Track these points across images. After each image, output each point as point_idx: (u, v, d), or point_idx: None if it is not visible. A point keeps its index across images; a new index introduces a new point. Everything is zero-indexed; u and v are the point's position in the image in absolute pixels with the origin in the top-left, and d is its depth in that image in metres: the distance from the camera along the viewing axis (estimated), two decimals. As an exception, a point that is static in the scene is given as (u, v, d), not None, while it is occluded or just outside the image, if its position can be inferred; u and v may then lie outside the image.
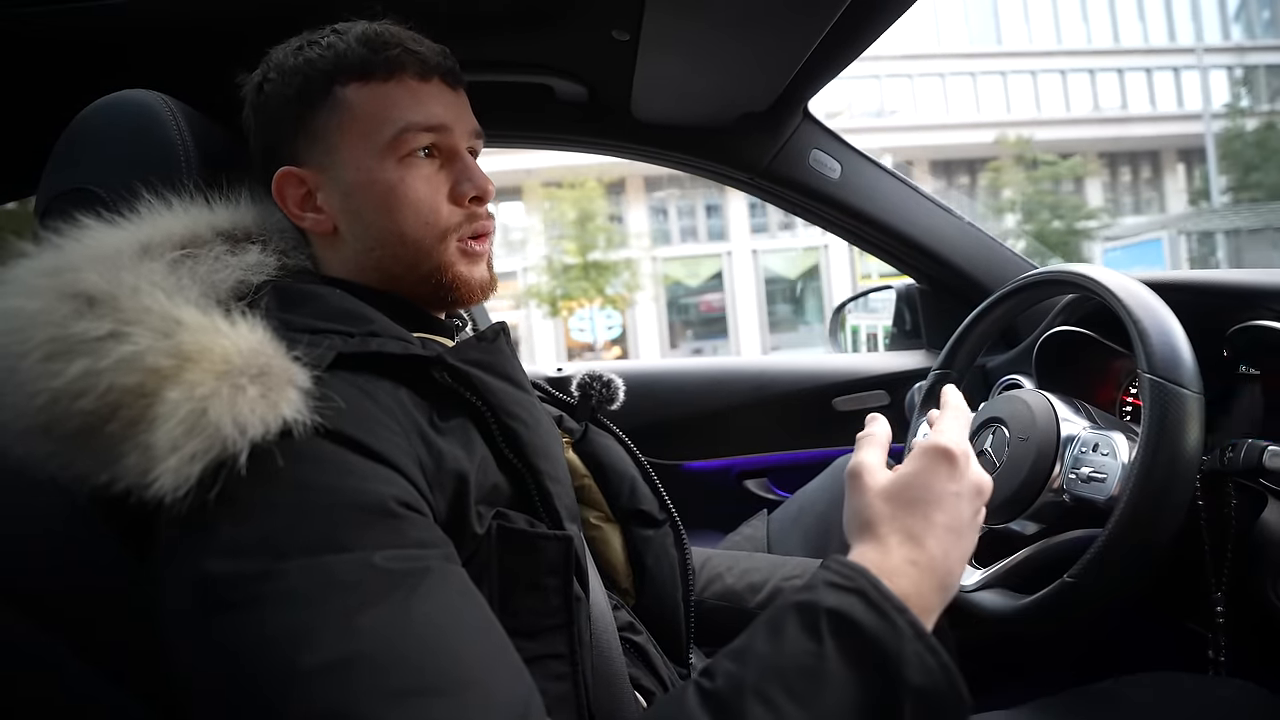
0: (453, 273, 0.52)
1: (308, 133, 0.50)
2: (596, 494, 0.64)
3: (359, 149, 0.49)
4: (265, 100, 0.51)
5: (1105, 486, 0.59)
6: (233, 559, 0.34)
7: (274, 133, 0.51)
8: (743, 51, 0.80)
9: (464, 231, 0.52)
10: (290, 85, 0.50)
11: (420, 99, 0.50)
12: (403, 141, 0.49)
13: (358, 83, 0.49)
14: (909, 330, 1.28)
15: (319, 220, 0.51)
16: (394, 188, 0.50)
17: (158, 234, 0.45)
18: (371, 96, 0.49)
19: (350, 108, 0.49)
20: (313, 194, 0.51)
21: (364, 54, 0.49)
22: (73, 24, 0.69)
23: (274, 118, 0.51)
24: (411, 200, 0.50)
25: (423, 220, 0.50)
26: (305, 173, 0.51)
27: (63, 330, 0.36)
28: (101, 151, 0.54)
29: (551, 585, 0.45)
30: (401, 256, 0.51)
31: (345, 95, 0.49)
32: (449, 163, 0.52)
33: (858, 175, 1.05)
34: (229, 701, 0.33)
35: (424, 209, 0.50)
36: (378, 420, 0.41)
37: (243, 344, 0.38)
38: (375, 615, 0.34)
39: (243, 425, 0.35)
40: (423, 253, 0.51)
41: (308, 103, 0.49)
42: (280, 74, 0.50)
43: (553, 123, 1.00)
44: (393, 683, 0.33)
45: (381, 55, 0.49)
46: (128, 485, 0.34)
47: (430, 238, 0.51)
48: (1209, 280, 0.74)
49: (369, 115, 0.49)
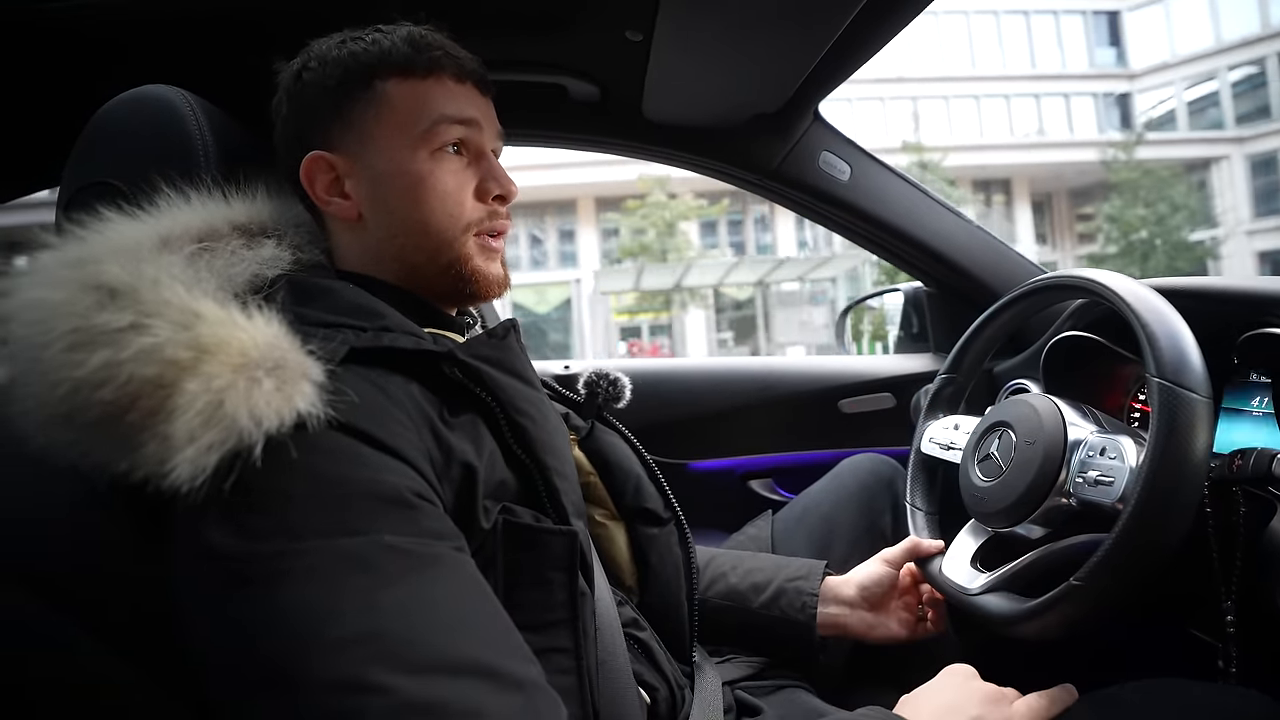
0: (471, 266, 0.53)
1: (343, 121, 0.52)
2: (602, 491, 0.65)
3: (393, 139, 0.52)
4: (303, 88, 0.53)
5: (1112, 491, 0.59)
6: (250, 540, 0.35)
7: (308, 119, 0.53)
8: (755, 53, 0.80)
9: (485, 227, 0.54)
10: (331, 75, 0.52)
11: (455, 97, 0.53)
12: (435, 134, 0.52)
13: (398, 78, 0.52)
14: (916, 333, 1.28)
15: (345, 206, 0.53)
16: (424, 178, 0.52)
17: (176, 227, 0.46)
18: (411, 91, 0.52)
19: (389, 100, 0.51)
20: (341, 180, 0.53)
21: (408, 52, 0.52)
22: (95, 19, 0.70)
23: (310, 104, 0.53)
24: (439, 192, 0.52)
25: (447, 212, 0.52)
26: (336, 158, 0.52)
27: (85, 321, 0.37)
28: (123, 146, 0.55)
29: (557, 580, 0.45)
30: (423, 246, 0.53)
31: (385, 89, 0.51)
32: (475, 161, 0.54)
33: (867, 178, 1.05)
34: (248, 677, 0.34)
35: (450, 202, 0.52)
36: (389, 414, 0.41)
37: (259, 337, 0.39)
38: (394, 593, 0.35)
39: (258, 417, 0.36)
40: (444, 244, 0.53)
41: (347, 92, 0.52)
42: (321, 64, 0.52)
43: (564, 122, 1.00)
44: (412, 659, 0.34)
45: (424, 55, 0.52)
46: (146, 473, 0.35)
47: (453, 230, 0.53)
48: (1219, 287, 0.73)
49: (406, 108, 0.51)
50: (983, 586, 0.65)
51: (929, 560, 0.72)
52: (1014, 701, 0.52)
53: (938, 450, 0.79)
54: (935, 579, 0.71)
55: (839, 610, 0.71)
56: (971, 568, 0.69)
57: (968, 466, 0.72)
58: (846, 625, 0.71)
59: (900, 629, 0.72)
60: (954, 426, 0.79)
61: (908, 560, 0.73)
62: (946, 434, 0.79)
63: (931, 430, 0.81)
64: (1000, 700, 0.52)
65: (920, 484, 0.80)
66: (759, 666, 0.71)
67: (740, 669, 0.70)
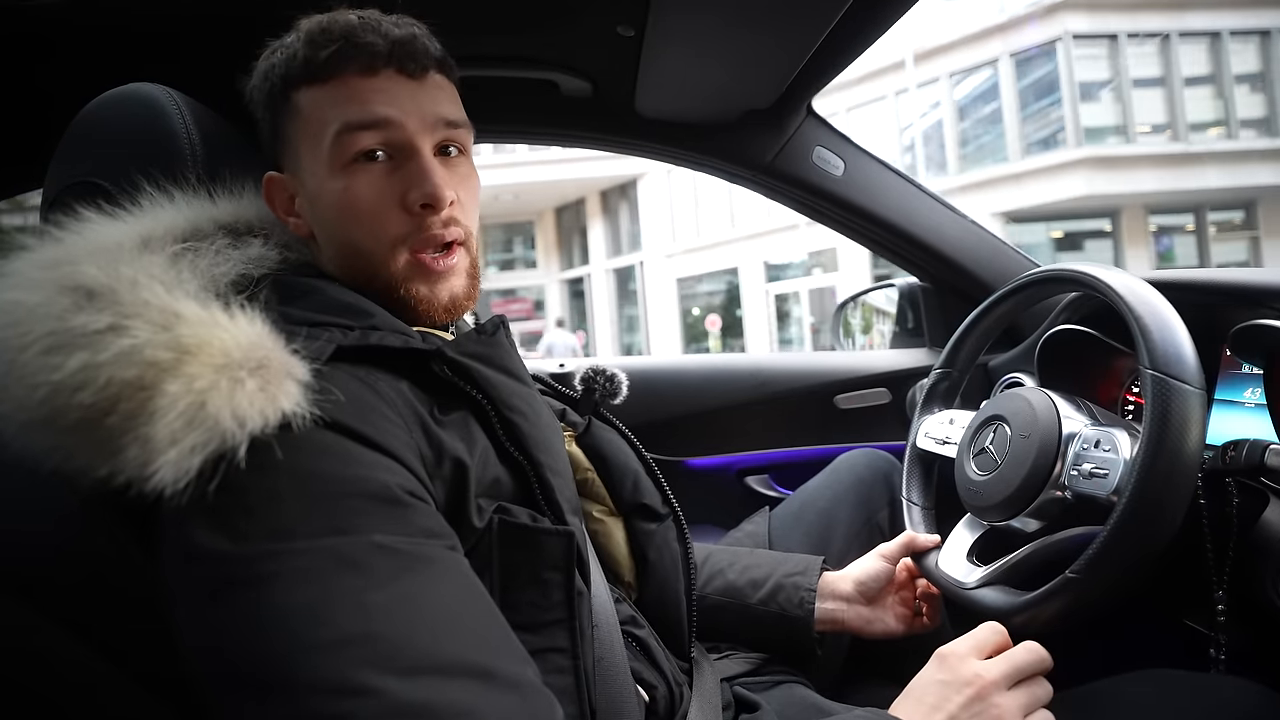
0: (407, 289, 0.48)
1: (280, 139, 0.51)
2: (599, 487, 0.64)
3: (312, 157, 0.48)
4: (251, 106, 0.52)
5: (1107, 483, 0.59)
6: (237, 542, 0.35)
7: (260, 136, 0.52)
8: (747, 48, 0.80)
9: (414, 243, 0.48)
10: (260, 91, 0.51)
11: (361, 96, 0.47)
12: (345, 145, 0.47)
13: (307, 86, 0.48)
14: (911, 328, 1.28)
15: (299, 225, 0.52)
16: (339, 196, 0.47)
17: (159, 227, 0.46)
18: (315, 100, 0.47)
19: (302, 114, 0.48)
20: (293, 198, 0.52)
21: (307, 54, 0.47)
22: (79, 18, 0.69)
23: (258, 122, 0.52)
24: (359, 210, 0.47)
25: (370, 231, 0.48)
26: (284, 178, 0.52)
27: (62, 324, 0.36)
28: (108, 145, 0.54)
29: (553, 580, 0.45)
30: (360, 268, 0.49)
31: (299, 101, 0.48)
32: (403, 164, 0.48)
33: (861, 172, 1.05)
34: (238, 680, 0.33)
35: (369, 219, 0.47)
36: (378, 411, 0.41)
37: (241, 337, 0.38)
38: (384, 594, 0.34)
39: (241, 418, 0.35)
40: (376, 265, 0.48)
41: (274, 110, 0.50)
42: (259, 79, 0.51)
43: (556, 117, 1.00)
44: (403, 660, 0.33)
45: (322, 55, 0.47)
46: (128, 477, 0.34)
47: (380, 250, 0.48)
48: (1212, 279, 0.74)
49: (314, 120, 0.48)
50: (979, 580, 0.65)
51: (925, 555, 0.72)
52: (1007, 701, 0.50)
53: (933, 445, 0.80)
54: (931, 573, 0.71)
55: (836, 606, 0.71)
56: (968, 562, 0.69)
57: (963, 461, 0.72)
58: (844, 620, 0.71)
59: (897, 624, 0.72)
60: (949, 421, 0.79)
61: (904, 555, 0.73)
62: (942, 429, 0.79)
63: (927, 425, 0.81)
64: (995, 702, 0.50)
65: (916, 479, 0.80)
66: (757, 662, 0.71)
67: (738, 665, 0.70)
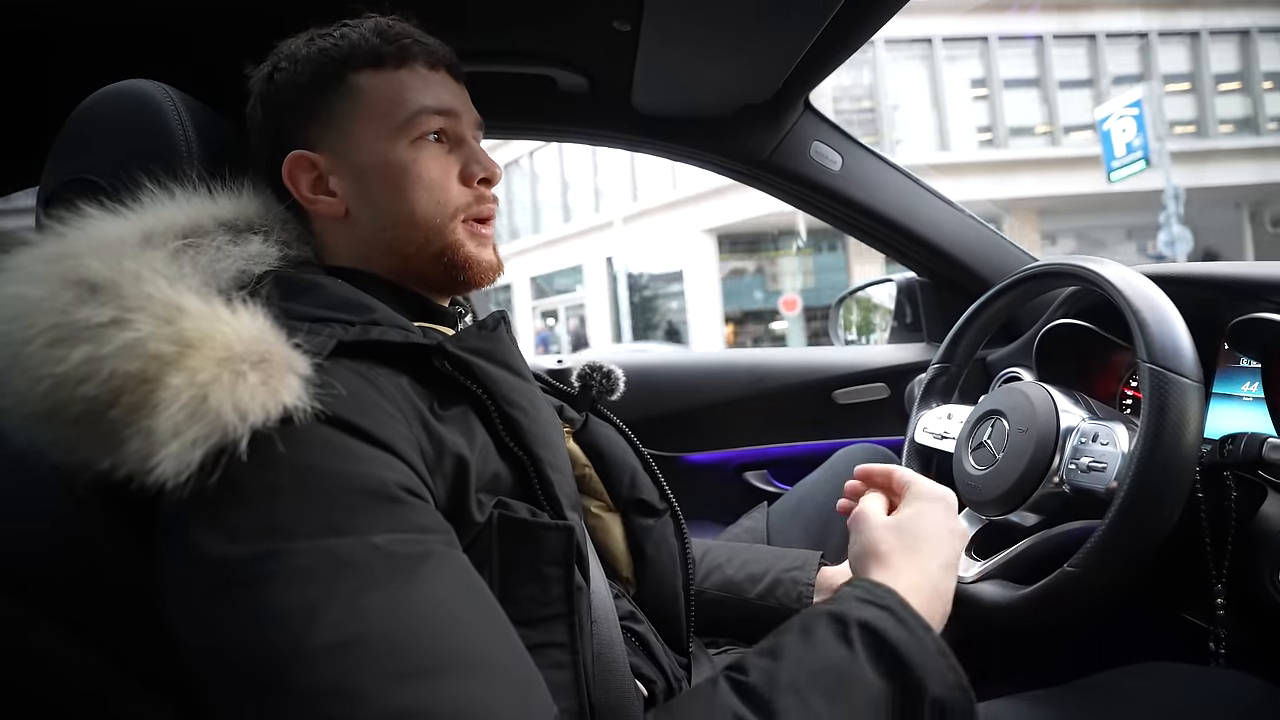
0: (463, 252, 0.54)
1: (320, 118, 0.52)
2: (597, 483, 0.64)
3: (372, 132, 0.52)
4: (276, 89, 0.52)
5: (1105, 476, 0.59)
6: (236, 540, 0.35)
7: (284, 119, 0.53)
8: (743, 43, 0.79)
9: (471, 212, 0.54)
10: (303, 73, 0.51)
11: (430, 85, 0.53)
12: (415, 124, 0.52)
13: (370, 70, 0.52)
14: (910, 323, 1.28)
15: (331, 204, 0.53)
16: (407, 168, 0.52)
17: (160, 223, 0.46)
18: (384, 82, 0.52)
19: (364, 93, 0.51)
20: (324, 178, 0.53)
21: (377, 43, 0.51)
22: (75, 14, 0.69)
23: (284, 104, 0.52)
24: (424, 180, 0.52)
25: (434, 200, 0.52)
26: (317, 156, 0.52)
27: (65, 317, 0.36)
28: (104, 142, 0.54)
29: (553, 575, 0.45)
30: (413, 237, 0.53)
31: (359, 82, 0.51)
32: (456, 147, 0.54)
33: (859, 167, 1.04)
34: (236, 680, 0.33)
35: (435, 189, 0.52)
36: (378, 407, 0.41)
37: (244, 331, 0.38)
38: (380, 596, 0.34)
39: (243, 411, 0.35)
40: (433, 232, 0.53)
41: (321, 89, 0.51)
42: (292, 63, 0.52)
43: (553, 113, 0.99)
44: (398, 663, 0.33)
45: (394, 45, 0.52)
46: (129, 471, 0.34)
47: (441, 217, 0.53)
48: (1210, 273, 0.74)
49: (383, 100, 0.51)
50: (977, 575, 0.65)
51: None
52: None
53: (932, 440, 0.80)
54: None
55: None
56: (966, 556, 0.69)
57: (961, 455, 0.72)
58: None
59: None
60: (948, 416, 0.79)
61: None
62: (940, 423, 0.79)
63: (925, 420, 0.81)
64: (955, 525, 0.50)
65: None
66: (756, 657, 0.71)
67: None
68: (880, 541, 0.48)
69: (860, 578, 0.46)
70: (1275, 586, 0.57)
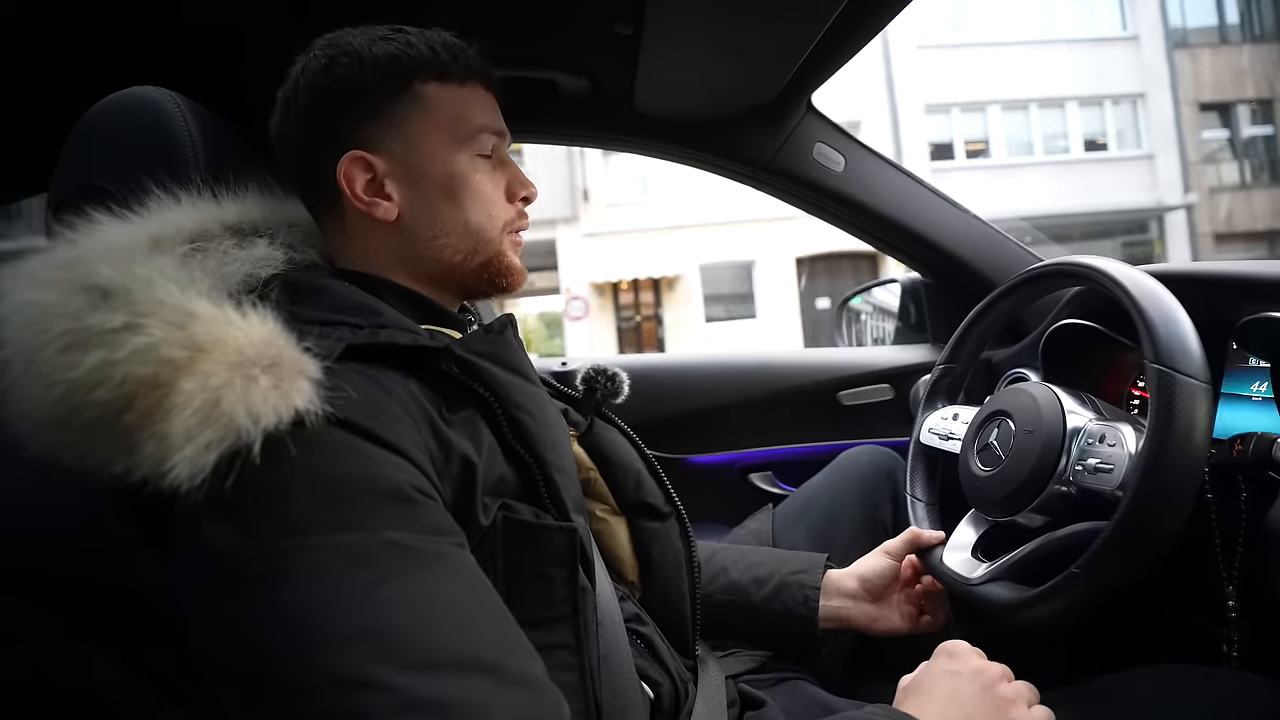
0: (506, 261, 0.57)
1: (383, 121, 0.52)
2: (602, 487, 0.64)
3: (438, 142, 0.53)
4: (334, 83, 0.51)
5: (1112, 478, 0.58)
6: (250, 539, 0.35)
7: (340, 116, 0.52)
8: (746, 44, 0.79)
9: (515, 225, 0.57)
10: (369, 72, 0.51)
11: (488, 107, 0.56)
12: (476, 141, 0.54)
13: (437, 82, 0.53)
14: (914, 324, 1.27)
15: (387, 208, 0.53)
16: (467, 180, 0.54)
17: (167, 228, 0.46)
18: (451, 96, 0.53)
19: (431, 103, 0.52)
20: (379, 180, 0.52)
21: (446, 59, 0.53)
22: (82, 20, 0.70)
23: (343, 101, 0.51)
24: (481, 195, 0.54)
25: (488, 213, 0.55)
26: (376, 159, 0.52)
27: (78, 322, 0.37)
28: (111, 148, 0.54)
29: (558, 576, 0.45)
30: (463, 246, 0.55)
31: (426, 91, 0.52)
32: (500, 166, 0.57)
33: (862, 168, 1.04)
34: (250, 677, 0.34)
35: (489, 203, 0.55)
36: (388, 410, 0.41)
37: (255, 335, 0.38)
38: (396, 590, 0.35)
39: (256, 415, 0.36)
40: (483, 242, 0.55)
41: (387, 92, 0.52)
42: (354, 60, 0.51)
43: (556, 117, 1.00)
44: (414, 655, 0.34)
45: (461, 62, 0.53)
46: (144, 475, 0.35)
47: (493, 229, 0.55)
48: (1217, 272, 0.73)
49: (450, 113, 0.53)
50: (983, 576, 0.65)
51: (930, 551, 0.72)
52: (1011, 690, 0.51)
53: (937, 441, 0.79)
54: (936, 569, 0.70)
55: (841, 603, 0.71)
56: (972, 558, 0.69)
57: (967, 456, 0.72)
58: (849, 618, 0.71)
59: (903, 621, 0.72)
60: (953, 417, 0.79)
61: (909, 552, 0.73)
62: (945, 424, 0.79)
63: (930, 421, 0.81)
64: (1002, 693, 0.51)
65: (920, 475, 0.80)
66: (762, 660, 0.71)
67: (744, 663, 0.70)
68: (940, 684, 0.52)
69: (890, 709, 0.51)
70: None
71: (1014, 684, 0.52)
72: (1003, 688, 0.51)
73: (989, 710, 0.50)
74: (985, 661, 0.54)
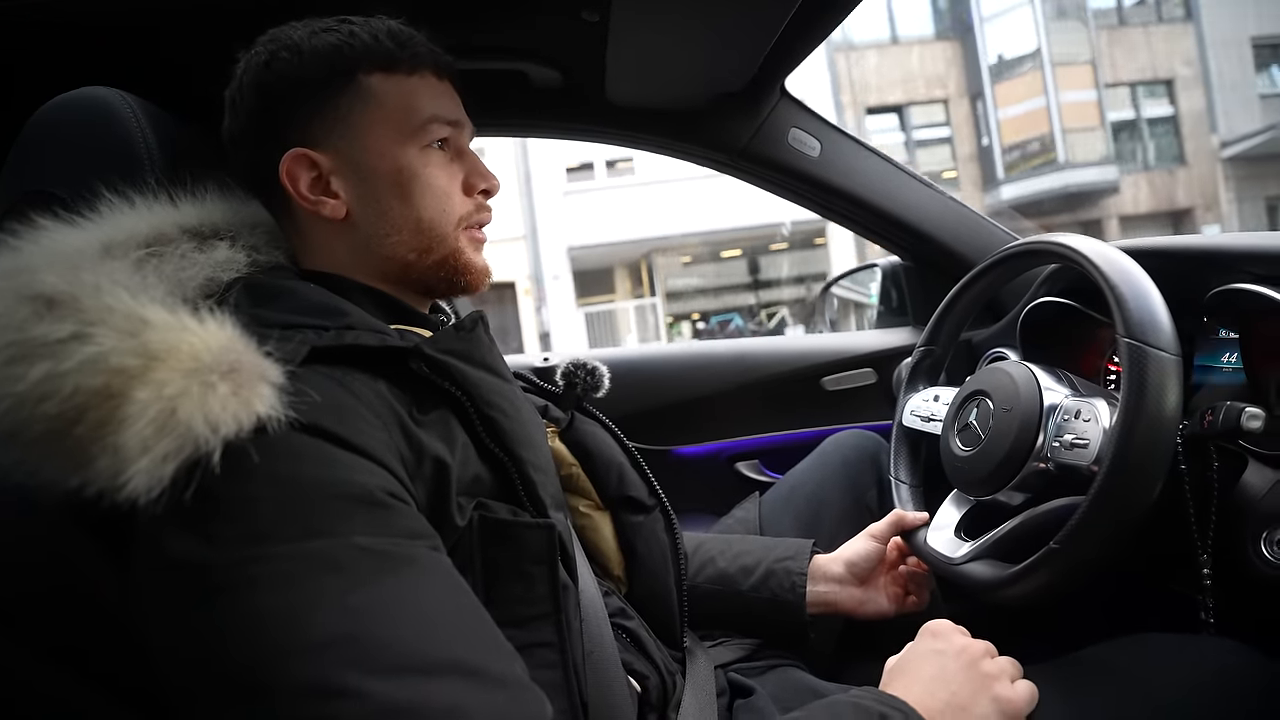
0: (464, 259, 0.54)
1: (326, 116, 0.50)
2: (585, 482, 0.64)
3: (383, 136, 0.51)
4: (275, 79, 0.49)
5: (1088, 453, 0.59)
6: (215, 548, 0.34)
7: (283, 113, 0.50)
8: (714, 29, 0.79)
9: (472, 220, 0.55)
10: (309, 67, 0.49)
11: (439, 95, 0.53)
12: (426, 132, 0.51)
13: (382, 73, 0.51)
14: (896, 307, 1.28)
15: (334, 206, 0.51)
16: (416, 174, 0.51)
17: (120, 233, 0.44)
18: (398, 87, 0.51)
19: (376, 96, 0.50)
20: (325, 178, 0.50)
21: (392, 47, 0.51)
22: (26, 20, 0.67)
23: (285, 97, 0.50)
24: (433, 188, 0.52)
25: (440, 207, 0.52)
26: (320, 156, 0.50)
27: (22, 334, 0.35)
28: (60, 151, 0.52)
29: (537, 574, 0.45)
30: (416, 243, 0.52)
31: (370, 84, 0.50)
32: (458, 156, 0.54)
33: (838, 153, 1.04)
34: (218, 687, 0.33)
35: (442, 197, 0.52)
36: (356, 413, 0.40)
37: (212, 341, 0.37)
38: (367, 595, 0.34)
39: (214, 423, 0.34)
40: (437, 238, 0.53)
41: (330, 86, 0.50)
42: (295, 54, 0.49)
43: (527, 109, 0.98)
44: (388, 661, 0.33)
45: (408, 50, 0.51)
46: (100, 488, 0.34)
47: (446, 225, 0.53)
48: (1186, 245, 0.74)
49: (396, 105, 0.51)
50: (966, 555, 0.66)
51: (914, 532, 0.73)
52: (994, 666, 0.52)
53: (919, 423, 0.80)
54: (920, 550, 0.71)
55: (828, 588, 0.71)
56: (955, 537, 0.69)
57: (948, 436, 0.72)
58: (836, 602, 0.71)
59: (890, 603, 0.72)
60: (934, 398, 0.79)
61: (893, 534, 0.74)
62: (927, 406, 0.80)
63: (912, 403, 0.82)
64: (985, 669, 0.52)
65: (903, 457, 0.80)
66: (751, 648, 0.71)
67: (733, 651, 0.70)
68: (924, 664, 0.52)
69: (874, 692, 0.50)
70: (1258, 554, 0.58)
71: (997, 660, 0.53)
72: (986, 664, 0.52)
73: (974, 687, 0.50)
74: (969, 639, 0.54)
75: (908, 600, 0.73)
